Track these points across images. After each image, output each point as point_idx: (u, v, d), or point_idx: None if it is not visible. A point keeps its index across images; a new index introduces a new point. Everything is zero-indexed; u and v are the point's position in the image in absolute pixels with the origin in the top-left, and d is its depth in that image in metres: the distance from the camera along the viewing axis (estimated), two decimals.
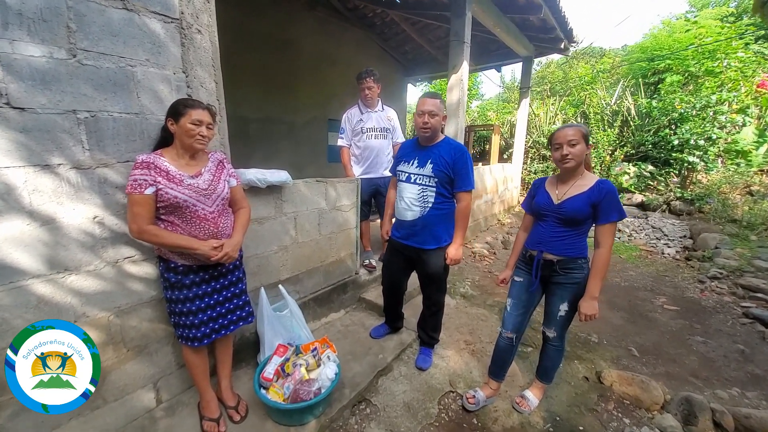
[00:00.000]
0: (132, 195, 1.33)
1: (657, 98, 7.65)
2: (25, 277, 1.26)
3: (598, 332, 2.83)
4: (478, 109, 14.35)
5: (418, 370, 2.25)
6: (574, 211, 1.59)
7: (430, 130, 1.92)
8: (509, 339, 1.88)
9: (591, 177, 1.62)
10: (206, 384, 1.68)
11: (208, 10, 1.70)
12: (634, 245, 5.28)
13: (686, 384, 2.23)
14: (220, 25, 1.84)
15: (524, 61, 6.62)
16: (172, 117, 1.41)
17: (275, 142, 5.49)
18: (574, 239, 1.64)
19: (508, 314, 1.87)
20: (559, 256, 1.66)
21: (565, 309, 1.70)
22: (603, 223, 1.55)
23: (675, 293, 3.62)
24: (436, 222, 1.99)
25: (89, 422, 1.48)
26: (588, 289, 1.61)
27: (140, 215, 1.34)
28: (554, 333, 1.78)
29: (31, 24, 1.18)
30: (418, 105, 1.94)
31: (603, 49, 15.31)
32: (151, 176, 1.34)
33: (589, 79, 10.53)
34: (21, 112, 1.19)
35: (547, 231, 1.68)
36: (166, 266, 1.51)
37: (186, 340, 1.56)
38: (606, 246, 1.56)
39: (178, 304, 1.52)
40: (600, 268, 1.58)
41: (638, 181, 6.81)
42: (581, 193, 1.58)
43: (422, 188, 1.97)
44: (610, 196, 1.52)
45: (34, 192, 1.25)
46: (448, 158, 1.93)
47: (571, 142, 1.55)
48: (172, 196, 1.38)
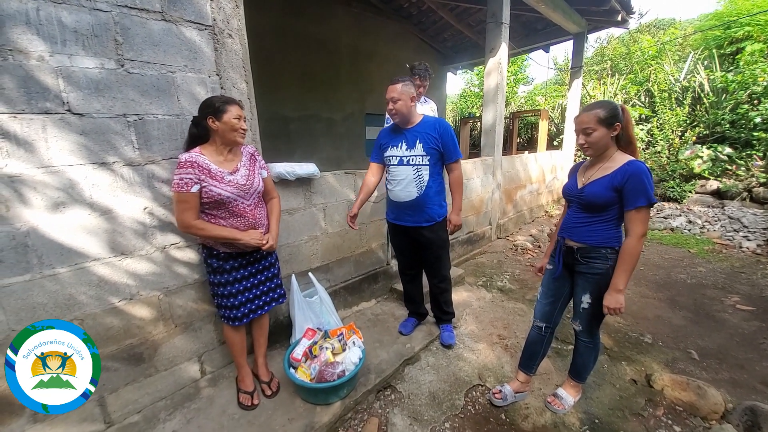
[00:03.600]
0: (179, 193, 1.45)
1: (735, 70, 6.63)
2: (87, 260, 1.47)
3: (654, 332, 2.58)
4: (526, 95, 13.53)
5: (446, 348, 2.31)
6: (593, 196, 1.47)
7: (397, 114, 1.98)
8: (538, 328, 1.82)
9: (621, 158, 1.46)
10: (243, 360, 1.83)
11: (237, 14, 1.81)
12: (707, 238, 4.68)
13: (753, 393, 1.95)
14: (260, 29, 1.97)
15: (575, 38, 6.10)
16: (212, 115, 1.49)
17: (315, 139, 5.70)
18: (597, 226, 1.52)
19: (537, 302, 1.83)
20: (579, 243, 1.57)
21: (588, 301, 1.59)
22: (629, 209, 1.41)
23: (752, 292, 3.16)
24: (433, 198, 2.08)
25: (143, 388, 1.69)
26: (613, 280, 1.48)
27: (187, 211, 1.48)
28: (580, 327, 1.68)
29: (85, 40, 1.36)
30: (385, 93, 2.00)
31: (673, 20, 13.57)
32: (196, 174, 1.46)
33: (653, 53, 9.41)
34: (80, 117, 1.39)
35: (571, 217, 1.61)
36: (208, 253, 1.66)
37: (227, 319, 1.72)
38: (635, 235, 1.42)
39: (220, 287, 1.68)
40: (626, 258, 1.44)
41: (713, 166, 5.98)
42: (604, 177, 1.46)
43: (416, 168, 2.03)
44: (634, 179, 1.37)
45: (94, 186, 1.45)
46: (435, 134, 2.01)
47: (586, 130, 1.46)
48: (216, 194, 1.51)
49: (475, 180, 3.96)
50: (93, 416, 1.56)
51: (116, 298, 1.57)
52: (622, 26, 5.78)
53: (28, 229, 1.33)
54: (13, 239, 1.31)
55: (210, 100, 1.54)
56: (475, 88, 14.35)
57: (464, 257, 4.03)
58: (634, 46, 11.38)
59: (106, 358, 1.56)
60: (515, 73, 13.40)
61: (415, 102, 2.03)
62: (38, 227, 1.35)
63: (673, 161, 6.33)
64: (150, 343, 1.69)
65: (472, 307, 2.91)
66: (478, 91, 13.71)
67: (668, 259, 4.08)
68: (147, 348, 1.69)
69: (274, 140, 4.95)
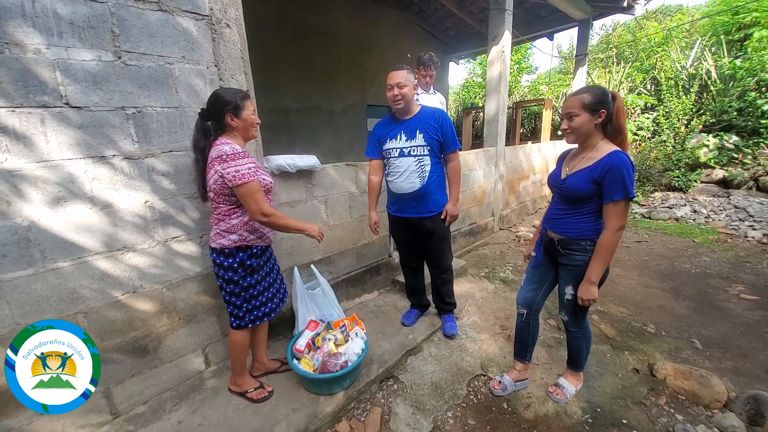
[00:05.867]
0: (253, 183, 1.42)
1: (743, 57, 6.49)
2: (89, 254, 1.48)
3: (657, 322, 2.57)
4: (530, 84, 13.33)
5: (448, 339, 2.33)
6: (572, 188, 1.48)
7: (402, 101, 1.95)
8: (521, 315, 1.85)
9: (605, 148, 1.43)
10: (245, 364, 1.79)
11: (235, 4, 1.78)
12: (712, 228, 4.63)
13: (757, 382, 1.95)
14: (259, 19, 1.94)
15: (580, 24, 5.99)
16: (232, 112, 1.46)
17: (315, 131, 5.66)
18: (576, 218, 1.52)
19: (521, 289, 1.86)
20: (559, 235, 1.58)
21: (571, 293, 1.60)
22: (607, 202, 1.40)
23: (756, 281, 3.14)
24: (435, 188, 2.08)
25: (149, 379, 1.71)
26: (587, 272, 1.49)
27: (263, 200, 1.46)
28: (566, 317, 1.71)
29: (81, 32, 1.34)
30: (386, 80, 1.96)
31: (680, 6, 13.26)
32: (255, 163, 1.47)
33: (660, 40, 9.22)
34: (78, 110, 1.38)
35: (553, 208, 1.62)
36: (247, 254, 1.57)
37: (258, 319, 1.68)
38: (611, 228, 1.41)
39: (256, 287, 1.64)
40: (601, 251, 1.45)
41: (719, 155, 5.89)
42: (585, 168, 1.45)
43: (418, 159, 2.02)
44: (614, 172, 1.35)
45: (94, 180, 1.45)
46: (435, 123, 2.00)
47: (570, 114, 1.44)
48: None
49: (478, 171, 3.93)
50: (99, 408, 1.58)
51: (119, 292, 1.58)
52: (628, 12, 5.67)
53: (29, 224, 1.34)
54: (15, 234, 1.31)
55: (226, 96, 1.47)
56: (478, 78, 14.16)
57: (467, 249, 4.02)
58: (640, 32, 11.17)
59: (111, 350, 1.58)
60: (519, 62, 13.19)
61: (415, 92, 2.02)
62: (40, 222, 1.36)
63: (678, 150, 6.25)
64: (154, 335, 1.71)
65: (474, 298, 2.91)
66: (481, 80, 13.52)
67: (672, 249, 4.05)
68: (151, 340, 1.70)
69: (275, 132, 4.92)
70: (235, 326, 1.67)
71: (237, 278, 1.57)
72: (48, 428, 1.45)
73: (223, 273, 1.57)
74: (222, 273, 1.57)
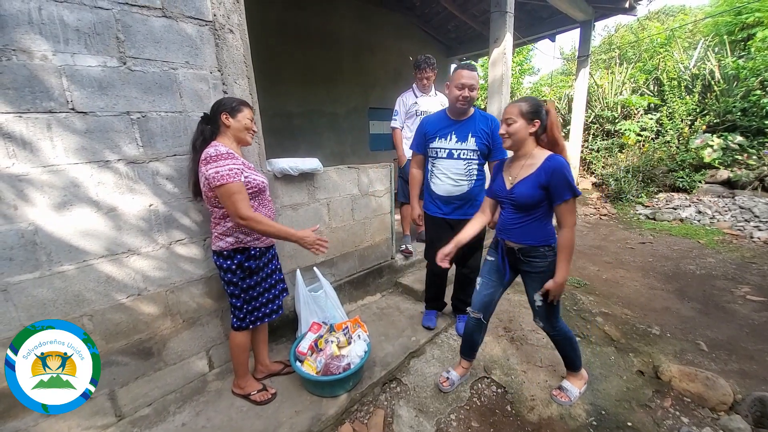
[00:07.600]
0: (233, 184, 1.41)
1: (746, 57, 6.46)
2: (94, 257, 1.49)
3: (662, 324, 2.56)
4: (532, 86, 13.32)
5: (461, 337, 2.29)
6: (523, 197, 1.52)
7: (467, 104, 1.93)
8: (476, 318, 1.86)
9: (541, 154, 1.51)
10: (248, 366, 1.80)
11: (238, 9, 1.80)
12: (717, 228, 4.61)
13: (763, 384, 1.93)
14: (261, 24, 1.95)
15: (582, 26, 5.98)
16: (227, 112, 1.51)
17: (319, 134, 5.68)
18: (532, 225, 1.56)
19: (476, 293, 1.84)
20: (519, 244, 1.61)
21: (540, 299, 1.65)
22: (558, 203, 1.48)
23: (763, 283, 3.11)
24: (478, 192, 2.10)
25: (153, 381, 1.72)
26: (556, 272, 1.54)
27: (245, 201, 1.44)
28: (541, 323, 1.73)
29: (87, 38, 1.36)
30: (454, 77, 1.92)
31: (683, 6, 13.22)
32: (239, 164, 1.47)
33: (662, 41, 9.20)
34: (84, 116, 1.40)
35: (506, 218, 1.64)
36: (245, 256, 1.57)
37: (259, 320, 1.69)
38: (567, 226, 1.49)
39: (256, 288, 1.66)
40: (564, 250, 1.52)
41: (724, 155, 5.86)
42: (529, 176, 1.50)
43: (467, 162, 2.01)
44: (557, 175, 1.44)
45: (99, 184, 1.47)
46: (487, 130, 1.99)
47: (507, 120, 1.51)
48: (261, 181, 1.56)
49: None
50: (104, 410, 1.59)
51: (123, 295, 1.59)
52: (630, 13, 5.65)
53: (35, 228, 1.35)
54: (21, 237, 1.33)
55: (225, 99, 1.56)
56: (480, 80, 14.14)
57: None
58: (643, 33, 11.14)
59: (116, 352, 1.59)
60: (520, 63, 13.16)
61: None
62: (46, 226, 1.37)
63: (682, 151, 6.21)
64: (158, 338, 1.72)
65: None
66: (483, 82, 13.53)
67: (677, 250, 4.03)
68: (156, 343, 1.71)
69: (278, 136, 4.94)
70: (236, 327, 1.68)
71: (236, 280, 1.59)
72: (53, 430, 1.46)
73: (224, 275, 1.61)
74: (222, 275, 1.62)
